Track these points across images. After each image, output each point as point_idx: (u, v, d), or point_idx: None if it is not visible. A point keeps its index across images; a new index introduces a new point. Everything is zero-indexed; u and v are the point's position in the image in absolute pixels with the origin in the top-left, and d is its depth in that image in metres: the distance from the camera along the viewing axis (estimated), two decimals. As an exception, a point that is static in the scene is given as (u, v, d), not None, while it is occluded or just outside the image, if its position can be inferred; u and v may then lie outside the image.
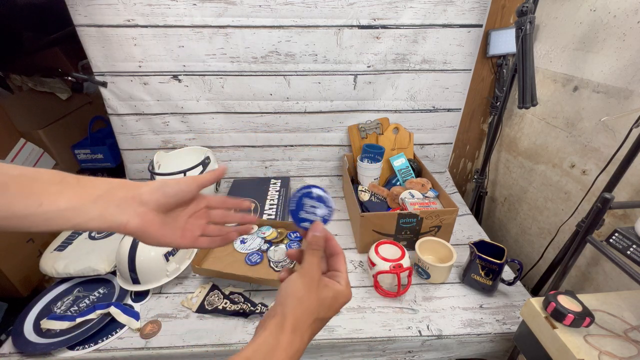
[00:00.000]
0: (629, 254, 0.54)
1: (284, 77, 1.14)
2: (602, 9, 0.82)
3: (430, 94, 1.21)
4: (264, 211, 1.08)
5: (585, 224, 0.63)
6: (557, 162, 0.99)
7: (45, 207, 0.30)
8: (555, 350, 0.57)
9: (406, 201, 1.00)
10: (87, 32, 1.02)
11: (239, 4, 1.01)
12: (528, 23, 0.82)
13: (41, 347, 0.68)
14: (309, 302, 0.33)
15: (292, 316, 0.32)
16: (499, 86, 1.19)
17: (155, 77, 1.11)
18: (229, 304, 0.79)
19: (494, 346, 0.77)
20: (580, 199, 0.87)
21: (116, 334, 0.73)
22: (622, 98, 0.78)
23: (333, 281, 0.37)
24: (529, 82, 0.83)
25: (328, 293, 0.35)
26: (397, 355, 0.78)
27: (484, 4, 1.06)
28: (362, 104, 1.22)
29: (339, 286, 0.36)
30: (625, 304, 0.63)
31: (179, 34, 1.04)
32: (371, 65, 1.13)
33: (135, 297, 0.82)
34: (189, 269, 0.86)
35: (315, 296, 0.34)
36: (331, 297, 0.35)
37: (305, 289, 0.34)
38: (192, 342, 0.72)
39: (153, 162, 1.04)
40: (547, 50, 1.00)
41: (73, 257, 0.86)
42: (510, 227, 1.22)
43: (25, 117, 1.47)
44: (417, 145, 1.32)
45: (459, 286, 0.86)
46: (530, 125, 1.10)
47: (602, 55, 0.82)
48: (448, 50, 1.13)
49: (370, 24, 1.07)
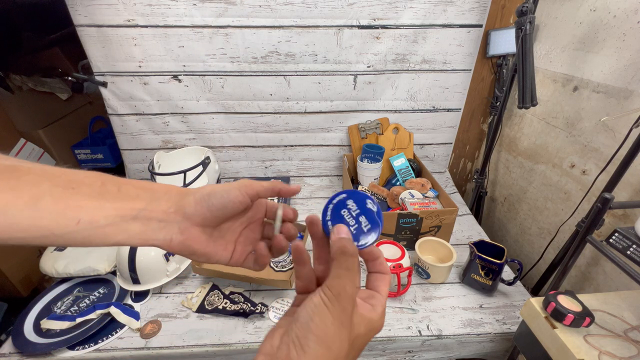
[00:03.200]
0: (629, 254, 0.54)
1: (284, 77, 1.14)
2: (602, 9, 0.82)
3: (430, 94, 1.21)
4: (264, 211, 1.08)
5: (585, 224, 0.63)
6: (557, 162, 0.99)
7: (82, 225, 0.26)
8: (555, 350, 0.57)
9: (406, 201, 1.00)
10: (87, 32, 1.02)
11: (239, 4, 1.01)
12: (528, 23, 0.82)
13: (41, 347, 0.68)
14: (340, 344, 0.24)
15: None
16: (498, 86, 1.19)
17: (155, 77, 1.11)
18: (229, 304, 0.79)
19: (494, 346, 0.77)
20: (580, 199, 0.87)
21: (116, 334, 0.73)
22: (622, 98, 0.78)
23: (367, 305, 0.28)
24: (529, 82, 0.83)
25: (362, 329, 0.26)
26: (397, 355, 0.78)
27: (484, 4, 1.06)
28: (362, 104, 1.22)
29: (373, 314, 0.27)
30: (625, 304, 0.63)
31: (179, 34, 1.04)
32: (371, 65, 1.13)
33: (136, 297, 0.82)
34: (189, 269, 0.86)
35: (348, 335, 0.25)
36: (364, 332, 0.26)
37: (335, 326, 0.24)
38: (192, 342, 0.72)
39: (153, 162, 1.04)
40: (547, 50, 1.00)
41: (73, 257, 0.86)
42: (510, 227, 1.22)
43: (25, 117, 1.47)
44: (417, 145, 1.32)
45: (459, 286, 0.86)
46: (530, 125, 1.10)
47: (602, 55, 0.82)
48: (448, 50, 1.13)
49: (370, 24, 1.07)
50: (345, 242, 0.28)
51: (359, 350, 0.27)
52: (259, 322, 0.76)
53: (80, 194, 0.27)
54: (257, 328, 0.75)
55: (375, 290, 0.29)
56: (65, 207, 0.26)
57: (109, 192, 0.28)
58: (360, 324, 0.26)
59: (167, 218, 0.30)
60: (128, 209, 0.28)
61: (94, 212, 0.27)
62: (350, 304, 0.25)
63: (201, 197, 0.31)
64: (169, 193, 0.30)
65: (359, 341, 0.26)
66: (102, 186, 0.28)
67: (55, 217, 0.26)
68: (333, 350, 0.24)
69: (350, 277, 0.26)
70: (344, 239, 0.28)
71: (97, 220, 0.27)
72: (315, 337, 0.24)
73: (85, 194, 0.27)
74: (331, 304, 0.25)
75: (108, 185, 0.28)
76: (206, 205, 0.30)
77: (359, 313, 0.26)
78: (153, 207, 0.29)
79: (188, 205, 0.30)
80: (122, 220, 0.28)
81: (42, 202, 0.25)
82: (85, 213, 0.27)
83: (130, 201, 0.29)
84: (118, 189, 0.28)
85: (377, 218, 0.30)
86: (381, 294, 0.29)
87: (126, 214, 0.28)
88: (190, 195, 0.31)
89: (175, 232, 0.30)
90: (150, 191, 0.30)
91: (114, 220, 0.28)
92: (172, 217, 0.30)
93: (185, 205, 0.30)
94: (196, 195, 0.31)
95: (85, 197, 0.27)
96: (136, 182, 0.30)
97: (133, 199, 0.29)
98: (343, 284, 0.26)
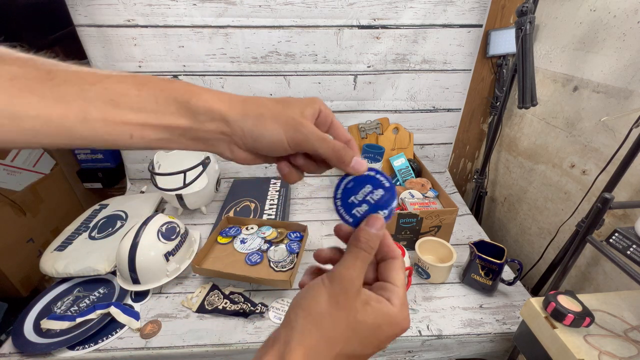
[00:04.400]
0: (629, 254, 0.54)
1: (284, 77, 1.14)
2: (602, 9, 0.82)
3: (430, 94, 1.21)
4: (264, 211, 1.08)
5: (585, 224, 0.63)
6: (557, 162, 0.99)
7: (136, 140, 0.26)
8: (555, 350, 0.57)
9: (406, 201, 1.00)
10: (87, 32, 1.02)
11: (239, 4, 1.01)
12: (528, 23, 0.82)
13: (41, 347, 0.68)
14: (334, 325, 0.23)
15: (301, 347, 0.22)
16: (498, 86, 1.19)
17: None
18: (229, 304, 0.79)
19: (493, 346, 0.77)
20: (580, 199, 0.87)
21: (116, 334, 0.73)
22: (622, 98, 0.78)
23: (381, 298, 0.25)
24: (529, 82, 0.83)
25: (368, 316, 0.24)
26: (397, 355, 0.78)
27: (484, 4, 1.06)
28: (362, 104, 1.22)
29: (387, 306, 0.25)
30: (625, 304, 0.63)
31: (179, 34, 1.04)
32: (371, 65, 1.13)
33: (135, 297, 0.82)
34: (189, 269, 0.86)
35: (346, 317, 0.23)
36: (373, 322, 0.24)
37: (329, 304, 0.23)
38: (192, 342, 0.72)
39: (153, 162, 1.04)
40: (547, 50, 1.00)
41: (73, 257, 0.86)
42: (510, 227, 1.22)
43: (25, 117, 1.47)
44: (417, 145, 1.32)
45: (459, 286, 0.86)
46: (530, 125, 1.10)
47: (602, 55, 0.82)
48: (448, 50, 1.13)
49: (370, 24, 1.07)
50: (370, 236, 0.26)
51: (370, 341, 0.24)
52: (259, 322, 0.76)
53: (121, 108, 0.25)
54: (257, 328, 0.75)
55: (388, 281, 0.26)
56: (113, 123, 0.25)
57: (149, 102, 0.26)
58: (368, 313, 0.24)
59: (214, 138, 0.28)
60: (174, 126, 0.27)
61: (142, 129, 0.26)
62: (354, 287, 0.24)
63: (250, 134, 0.27)
64: (210, 113, 0.27)
65: (366, 330, 0.24)
66: (139, 96, 0.26)
67: (109, 131, 0.25)
68: (323, 329, 0.22)
69: (356, 265, 0.25)
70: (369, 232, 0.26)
71: (147, 135, 0.26)
72: (304, 312, 0.23)
73: (126, 106, 0.25)
74: (330, 283, 0.24)
75: (143, 92, 0.26)
76: (252, 145, 0.28)
77: (368, 303, 0.24)
78: (197, 127, 0.27)
79: (236, 135, 0.28)
80: (171, 135, 0.27)
81: (90, 116, 0.24)
82: (134, 129, 0.26)
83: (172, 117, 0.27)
84: (155, 100, 0.26)
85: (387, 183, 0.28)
86: (395, 284, 0.26)
87: (173, 131, 0.27)
88: (237, 124, 0.27)
89: (223, 149, 0.29)
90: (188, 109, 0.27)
91: (162, 135, 0.27)
92: (220, 138, 0.28)
93: (233, 133, 0.28)
94: (245, 128, 0.27)
95: (127, 110, 0.25)
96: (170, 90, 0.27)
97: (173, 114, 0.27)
98: (348, 270, 0.24)
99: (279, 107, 0.28)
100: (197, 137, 0.28)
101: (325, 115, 0.29)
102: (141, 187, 1.25)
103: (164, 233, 0.81)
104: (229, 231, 0.95)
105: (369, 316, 0.24)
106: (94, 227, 0.98)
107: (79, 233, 0.96)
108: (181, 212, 1.10)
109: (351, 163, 0.28)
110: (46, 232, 1.41)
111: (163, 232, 0.81)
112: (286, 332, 0.23)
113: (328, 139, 0.28)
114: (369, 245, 0.25)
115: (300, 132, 0.27)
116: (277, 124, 0.27)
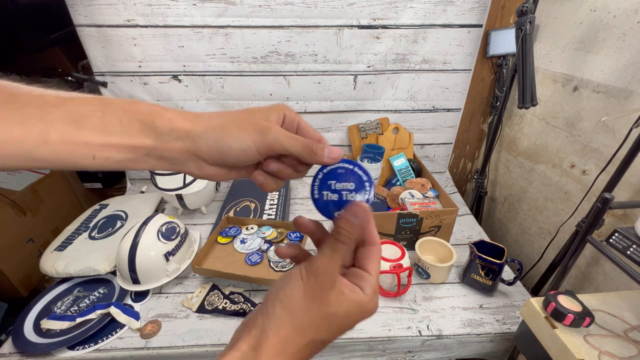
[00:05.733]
0: (629, 254, 0.54)
1: (284, 77, 1.14)
2: (602, 9, 0.82)
3: (430, 94, 1.21)
4: (264, 211, 1.08)
5: (585, 224, 0.63)
6: (557, 162, 0.99)
7: (99, 161, 0.26)
8: (555, 350, 0.57)
9: (406, 201, 1.00)
10: (87, 32, 1.02)
11: (239, 4, 1.01)
12: (528, 23, 0.82)
13: (41, 347, 0.68)
14: (307, 317, 0.25)
15: (276, 336, 0.24)
16: (498, 86, 1.19)
17: (155, 77, 1.11)
18: (229, 304, 0.79)
19: (494, 346, 0.77)
20: (580, 199, 0.87)
21: (116, 334, 0.73)
22: (622, 98, 0.78)
23: (355, 287, 0.26)
24: (529, 82, 0.83)
25: (341, 307, 0.25)
26: (397, 355, 0.78)
27: (484, 4, 1.06)
28: (362, 104, 1.22)
29: (360, 296, 0.26)
30: (625, 304, 0.63)
31: (179, 34, 1.04)
32: (371, 65, 1.13)
33: (135, 297, 0.82)
34: (189, 269, 0.86)
35: (319, 310, 0.25)
36: (344, 312, 0.25)
37: (305, 296, 0.25)
38: (192, 342, 0.72)
39: (153, 162, 1.04)
40: (547, 50, 1.00)
41: (73, 257, 0.86)
42: (510, 227, 1.22)
43: (25, 117, 1.47)
44: (417, 145, 1.32)
45: (459, 286, 0.86)
46: (530, 125, 1.10)
47: (602, 55, 0.82)
48: (448, 50, 1.13)
49: (370, 24, 1.07)
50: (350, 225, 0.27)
51: (338, 328, 0.26)
52: (259, 322, 0.76)
53: (84, 129, 0.25)
54: (257, 328, 0.75)
55: (364, 269, 0.28)
56: (74, 145, 0.25)
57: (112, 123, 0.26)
58: (341, 303, 0.25)
59: (180, 157, 0.28)
60: (137, 147, 0.27)
61: (103, 150, 0.26)
62: (329, 281, 0.25)
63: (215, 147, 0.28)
64: (174, 132, 0.27)
65: (336, 320, 0.25)
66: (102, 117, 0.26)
67: (70, 152, 0.25)
68: (297, 320, 0.24)
69: (334, 258, 0.26)
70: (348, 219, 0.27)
71: (111, 156, 0.26)
72: (282, 304, 0.25)
73: (89, 128, 0.25)
74: (307, 277, 0.25)
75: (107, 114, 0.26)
76: (220, 159, 0.28)
77: (342, 293, 0.26)
78: (162, 146, 0.27)
79: (201, 151, 0.28)
80: (135, 155, 0.27)
81: (51, 139, 0.24)
82: (97, 150, 0.26)
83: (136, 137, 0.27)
84: (119, 121, 0.26)
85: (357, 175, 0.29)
86: (370, 273, 0.27)
87: (137, 151, 0.27)
88: (202, 139, 0.27)
89: (191, 168, 0.29)
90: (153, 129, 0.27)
91: (126, 156, 0.27)
92: (186, 156, 0.28)
93: (198, 150, 0.28)
94: (209, 142, 0.27)
95: (90, 131, 0.25)
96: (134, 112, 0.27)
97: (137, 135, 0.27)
98: (325, 261, 0.26)
99: (243, 115, 0.28)
100: (162, 157, 0.28)
101: (290, 118, 0.30)
102: (141, 187, 1.25)
103: (164, 233, 0.81)
104: (229, 231, 0.95)
105: (342, 307, 0.25)
106: (94, 227, 0.98)
107: (79, 233, 0.96)
108: (181, 212, 1.10)
109: (324, 153, 0.28)
110: (46, 232, 1.41)
111: (163, 232, 0.81)
112: (263, 320, 0.25)
113: (297, 136, 0.28)
114: (348, 237, 0.26)
115: (268, 135, 0.27)
116: (243, 132, 0.27)
